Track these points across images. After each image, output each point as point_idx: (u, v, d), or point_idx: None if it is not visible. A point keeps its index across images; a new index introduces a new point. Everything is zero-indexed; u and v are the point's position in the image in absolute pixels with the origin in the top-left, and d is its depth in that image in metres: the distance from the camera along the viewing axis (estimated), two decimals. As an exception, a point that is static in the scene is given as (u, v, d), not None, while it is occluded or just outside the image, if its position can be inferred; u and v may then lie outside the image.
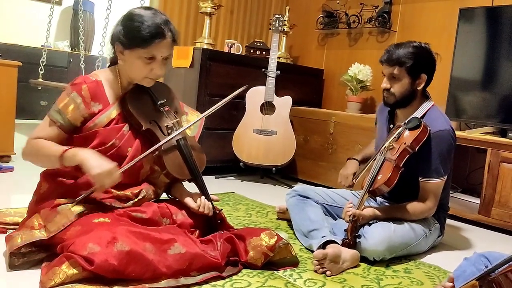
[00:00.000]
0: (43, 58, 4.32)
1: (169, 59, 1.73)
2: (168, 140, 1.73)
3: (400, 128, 2.03)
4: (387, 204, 2.21)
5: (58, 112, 1.63)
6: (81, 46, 4.62)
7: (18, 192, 2.56)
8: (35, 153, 1.62)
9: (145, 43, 1.61)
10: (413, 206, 2.05)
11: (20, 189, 2.60)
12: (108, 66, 1.82)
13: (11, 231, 1.73)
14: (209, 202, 1.79)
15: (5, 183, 2.68)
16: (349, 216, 1.91)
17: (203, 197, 1.79)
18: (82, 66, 4.45)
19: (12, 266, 1.50)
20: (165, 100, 1.81)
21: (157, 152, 1.71)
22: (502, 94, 2.92)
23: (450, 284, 1.26)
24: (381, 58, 2.10)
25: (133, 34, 1.61)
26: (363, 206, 1.97)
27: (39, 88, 4.65)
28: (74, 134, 1.67)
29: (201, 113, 1.95)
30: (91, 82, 1.67)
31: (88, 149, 1.59)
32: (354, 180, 2.23)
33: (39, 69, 4.31)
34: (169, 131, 1.76)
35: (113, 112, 1.70)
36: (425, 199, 2.06)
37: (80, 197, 1.59)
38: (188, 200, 1.78)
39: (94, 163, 1.52)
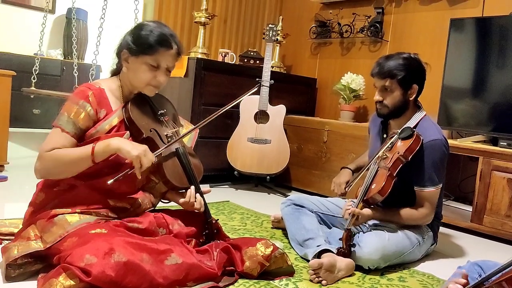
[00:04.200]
0: (36, 66, 4.29)
1: (171, 71, 1.78)
2: (168, 146, 1.76)
3: (393, 138, 2.06)
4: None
5: (70, 122, 1.63)
6: (74, 54, 4.61)
7: (12, 202, 2.55)
8: (57, 163, 1.59)
9: (151, 49, 1.68)
10: (410, 212, 2.08)
11: (14, 199, 2.58)
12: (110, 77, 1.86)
13: (6, 241, 1.72)
14: (199, 196, 1.82)
15: (-2, 193, 2.67)
16: (349, 214, 1.93)
17: (192, 187, 1.82)
18: (75, 75, 4.43)
19: (8, 278, 1.50)
20: (165, 110, 1.86)
21: (156, 160, 1.73)
22: (493, 102, 2.96)
23: (464, 280, 1.22)
24: (372, 72, 2.12)
25: (142, 41, 1.69)
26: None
27: (32, 96, 4.62)
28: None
29: (195, 125, 1.98)
30: (96, 89, 1.70)
31: (114, 137, 1.63)
32: (346, 189, 2.26)
33: (32, 77, 4.29)
34: (169, 139, 1.80)
35: (114, 119, 1.72)
36: (421, 206, 2.09)
37: (118, 176, 1.61)
38: (182, 201, 1.81)
39: (129, 146, 1.59)
